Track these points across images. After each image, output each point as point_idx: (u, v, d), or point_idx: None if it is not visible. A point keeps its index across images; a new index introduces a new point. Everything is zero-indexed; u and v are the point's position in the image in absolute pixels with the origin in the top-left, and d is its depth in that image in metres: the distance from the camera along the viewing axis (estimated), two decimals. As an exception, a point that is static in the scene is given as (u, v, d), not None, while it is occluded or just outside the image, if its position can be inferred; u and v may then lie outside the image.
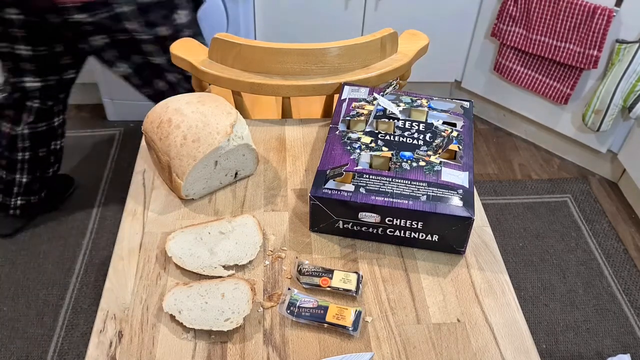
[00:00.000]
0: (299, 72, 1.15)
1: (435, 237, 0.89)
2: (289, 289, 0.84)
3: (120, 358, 0.76)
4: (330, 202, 0.89)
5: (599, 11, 1.94)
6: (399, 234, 0.90)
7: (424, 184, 0.90)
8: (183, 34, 1.49)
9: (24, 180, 1.83)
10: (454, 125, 1.03)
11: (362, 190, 0.89)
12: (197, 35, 1.54)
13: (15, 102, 1.68)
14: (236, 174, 1.02)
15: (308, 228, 0.95)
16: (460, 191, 0.89)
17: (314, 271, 0.86)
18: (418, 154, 0.95)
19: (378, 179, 0.90)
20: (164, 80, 1.56)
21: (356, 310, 0.81)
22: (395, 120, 1.02)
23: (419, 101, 1.07)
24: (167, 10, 1.45)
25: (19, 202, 1.88)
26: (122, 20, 1.40)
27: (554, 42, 2.09)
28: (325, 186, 0.90)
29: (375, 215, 0.88)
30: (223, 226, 0.92)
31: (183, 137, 0.93)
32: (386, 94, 1.09)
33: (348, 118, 1.03)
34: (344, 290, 0.84)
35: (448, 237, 0.89)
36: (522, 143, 2.50)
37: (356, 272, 0.86)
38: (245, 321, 0.81)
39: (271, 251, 0.91)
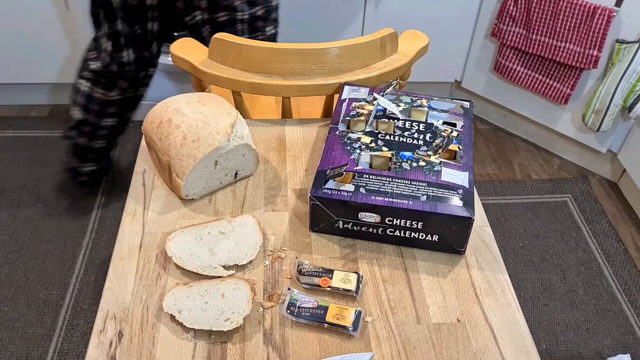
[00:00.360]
0: (299, 72, 1.15)
1: (435, 237, 0.89)
2: (289, 289, 0.84)
3: (120, 358, 0.76)
4: (330, 202, 0.89)
5: (599, 11, 1.94)
6: (399, 234, 0.90)
7: (424, 184, 0.90)
8: (272, 15, 1.59)
9: (100, 145, 1.91)
10: (454, 125, 1.03)
11: (362, 190, 0.89)
12: (278, 20, 1.64)
13: (111, 72, 1.77)
14: (236, 174, 1.02)
15: (308, 228, 0.95)
16: (460, 191, 0.89)
17: (314, 271, 0.86)
18: (418, 154, 0.95)
19: (378, 179, 0.90)
20: None
21: (356, 310, 0.81)
22: (395, 120, 1.02)
23: (419, 101, 1.07)
24: None
25: (90, 168, 1.96)
26: None
27: (554, 42, 2.09)
28: (325, 186, 0.90)
29: (375, 215, 0.88)
30: (223, 226, 0.92)
31: (183, 137, 0.93)
32: (386, 94, 1.09)
33: (348, 118, 1.03)
34: (344, 290, 0.84)
35: (448, 237, 0.89)
36: (522, 143, 2.50)
37: (356, 272, 0.86)
38: (245, 321, 0.81)
39: (271, 251, 0.91)
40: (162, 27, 1.73)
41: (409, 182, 0.90)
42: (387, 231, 0.90)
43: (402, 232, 0.90)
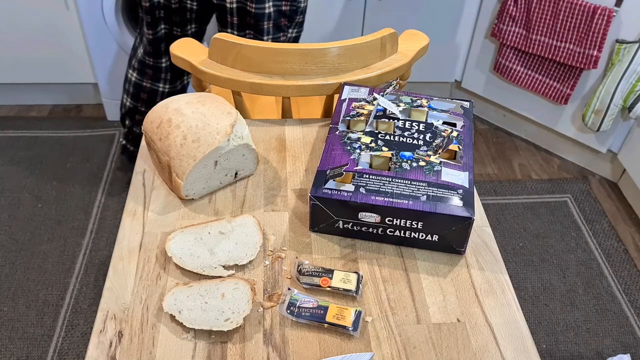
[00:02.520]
0: (299, 72, 1.15)
1: (435, 237, 0.89)
2: (289, 289, 0.84)
3: (120, 358, 0.76)
4: (330, 202, 0.89)
5: (599, 11, 1.94)
6: (399, 234, 0.90)
7: (424, 184, 0.90)
8: (297, 18, 1.61)
9: None
10: (454, 125, 1.03)
11: (362, 190, 0.89)
12: (302, 25, 1.65)
13: (155, 63, 1.85)
14: (236, 174, 1.02)
15: (308, 228, 0.95)
16: (460, 191, 0.89)
17: (314, 271, 0.86)
18: (418, 154, 0.95)
19: (378, 179, 0.90)
20: None
21: (356, 310, 0.81)
22: (395, 120, 1.02)
23: (419, 101, 1.07)
24: None
25: None
26: None
27: (554, 42, 2.09)
28: (325, 186, 0.90)
29: (375, 215, 0.88)
30: (223, 226, 0.92)
31: (183, 137, 0.93)
32: (386, 94, 1.09)
33: (348, 118, 1.04)
34: (344, 290, 0.84)
35: (448, 237, 0.89)
36: (522, 143, 2.50)
37: (356, 272, 0.86)
38: (245, 321, 0.81)
39: (271, 251, 0.91)
40: (202, 7, 1.74)
41: (409, 182, 0.90)
42: (387, 231, 0.90)
43: (402, 232, 0.90)
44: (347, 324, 0.79)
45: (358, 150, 0.96)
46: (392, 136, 0.99)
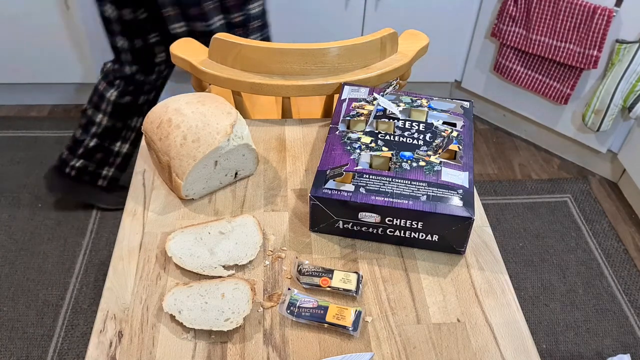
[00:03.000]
0: (299, 72, 1.15)
1: (435, 237, 0.89)
2: (289, 289, 0.84)
3: (120, 358, 0.76)
4: (330, 202, 0.89)
5: (599, 11, 1.94)
6: (399, 234, 0.90)
7: (424, 184, 0.90)
8: (252, 23, 1.56)
9: (91, 144, 1.91)
10: (454, 125, 1.03)
11: (362, 190, 0.89)
12: (265, 27, 1.61)
13: (118, 72, 1.83)
14: (236, 174, 1.02)
15: (308, 228, 0.95)
16: (460, 191, 0.89)
17: (314, 271, 0.86)
18: (418, 154, 0.95)
19: (378, 179, 0.90)
20: None
21: (356, 310, 0.81)
22: (395, 120, 1.02)
23: (419, 101, 1.07)
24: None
25: (77, 164, 1.94)
26: (201, 2, 1.48)
27: (554, 42, 2.09)
28: (325, 186, 0.90)
29: (375, 215, 0.88)
30: (223, 226, 0.92)
31: (183, 137, 0.93)
32: (386, 94, 1.09)
33: (348, 118, 1.04)
34: (344, 290, 0.84)
35: (448, 237, 0.89)
36: (522, 143, 2.50)
37: (356, 272, 0.86)
38: (245, 321, 0.81)
39: (271, 251, 0.91)
40: (164, 37, 1.74)
41: (409, 182, 0.90)
42: (387, 231, 0.90)
43: (402, 232, 0.90)
44: (347, 324, 0.79)
45: (358, 150, 0.96)
46: (392, 136, 0.99)
